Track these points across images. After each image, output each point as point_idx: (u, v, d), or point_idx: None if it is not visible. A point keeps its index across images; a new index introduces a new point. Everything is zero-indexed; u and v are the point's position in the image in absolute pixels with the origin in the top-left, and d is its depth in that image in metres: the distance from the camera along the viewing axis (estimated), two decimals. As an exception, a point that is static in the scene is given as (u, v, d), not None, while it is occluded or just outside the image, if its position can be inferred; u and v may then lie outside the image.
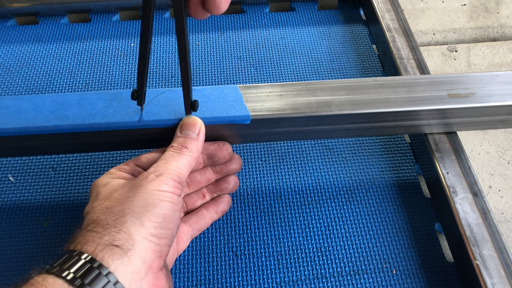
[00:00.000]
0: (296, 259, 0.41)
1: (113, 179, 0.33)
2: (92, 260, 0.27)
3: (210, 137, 0.39)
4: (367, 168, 0.47)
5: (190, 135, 0.36)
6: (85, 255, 0.27)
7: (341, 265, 0.40)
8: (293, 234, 0.42)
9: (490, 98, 0.40)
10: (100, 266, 0.27)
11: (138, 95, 0.36)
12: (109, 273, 0.27)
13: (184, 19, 0.32)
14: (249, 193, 0.45)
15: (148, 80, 0.55)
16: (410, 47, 0.53)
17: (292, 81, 0.55)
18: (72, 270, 0.26)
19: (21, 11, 0.61)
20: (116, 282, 0.27)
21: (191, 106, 0.36)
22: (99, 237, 0.28)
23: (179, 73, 0.56)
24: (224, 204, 0.41)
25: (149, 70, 0.56)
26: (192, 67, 0.56)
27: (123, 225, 0.29)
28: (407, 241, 0.42)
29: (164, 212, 0.31)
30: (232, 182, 0.42)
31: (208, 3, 0.30)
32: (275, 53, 0.58)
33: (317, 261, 0.41)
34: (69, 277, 0.26)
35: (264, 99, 0.39)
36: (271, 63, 0.57)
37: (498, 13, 0.70)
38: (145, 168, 0.35)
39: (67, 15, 0.62)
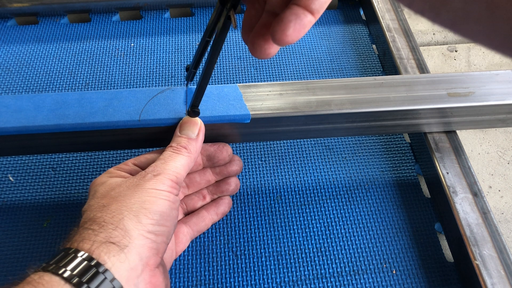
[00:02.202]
0: (296, 259, 0.41)
1: (111, 178, 0.33)
2: (89, 257, 0.27)
3: (210, 136, 0.39)
4: (367, 168, 0.47)
5: (190, 135, 0.36)
6: (82, 252, 0.27)
7: (341, 265, 0.40)
8: (293, 234, 0.42)
9: (489, 97, 0.40)
10: (97, 263, 0.27)
11: (190, 71, 0.36)
12: (105, 270, 0.27)
13: (224, 34, 0.30)
14: (249, 193, 0.45)
15: (148, 80, 0.55)
16: (410, 47, 0.53)
17: (292, 81, 0.55)
18: (69, 267, 0.26)
19: (21, 11, 0.61)
20: (113, 279, 0.27)
21: (193, 110, 0.36)
22: (95, 234, 0.28)
23: (179, 73, 0.56)
24: (225, 206, 0.41)
25: (151, 70, 0.56)
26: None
27: (120, 222, 0.29)
28: (407, 241, 0.42)
29: (161, 210, 0.31)
30: (233, 184, 0.42)
31: (274, 30, 0.24)
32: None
33: (317, 261, 0.40)
34: (65, 275, 0.26)
35: (264, 98, 0.39)
36: (271, 63, 0.57)
37: (498, 13, 0.70)
38: (144, 168, 0.35)
39: (67, 15, 0.62)
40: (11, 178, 0.46)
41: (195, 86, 0.40)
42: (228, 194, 0.42)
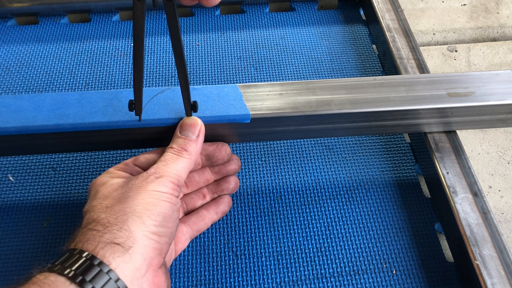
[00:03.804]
0: (296, 259, 0.41)
1: (112, 178, 0.33)
2: (93, 258, 0.27)
3: (210, 136, 0.39)
4: (367, 168, 0.47)
5: (190, 137, 0.36)
6: (86, 253, 0.27)
7: (341, 265, 0.40)
8: (293, 234, 0.42)
9: (489, 97, 0.40)
10: (101, 263, 0.27)
11: (136, 106, 0.35)
12: (110, 270, 0.27)
13: (176, 16, 0.31)
14: (249, 193, 0.45)
15: (148, 80, 0.55)
16: (410, 47, 0.53)
17: (292, 81, 0.55)
18: (74, 268, 0.27)
19: (21, 11, 0.61)
20: (117, 280, 0.27)
21: (191, 108, 0.36)
22: (99, 235, 0.28)
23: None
24: (224, 205, 0.41)
25: (151, 70, 0.56)
26: (192, 67, 0.56)
27: (124, 223, 0.29)
28: (407, 241, 0.42)
29: (164, 211, 0.31)
30: (233, 182, 0.42)
31: None
32: (275, 53, 0.58)
33: (317, 261, 0.40)
34: (71, 275, 0.26)
35: (264, 98, 0.39)
36: (271, 63, 0.57)
37: (498, 13, 0.70)
38: (144, 167, 0.36)
39: (67, 15, 0.62)
40: (11, 178, 0.46)
41: (198, 86, 0.40)
42: (228, 193, 0.42)
